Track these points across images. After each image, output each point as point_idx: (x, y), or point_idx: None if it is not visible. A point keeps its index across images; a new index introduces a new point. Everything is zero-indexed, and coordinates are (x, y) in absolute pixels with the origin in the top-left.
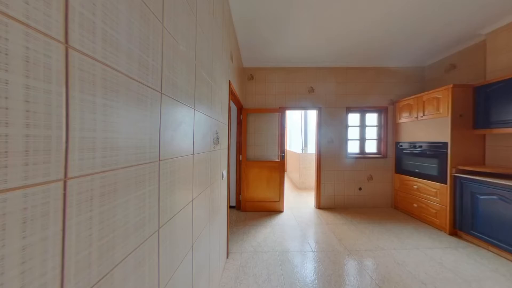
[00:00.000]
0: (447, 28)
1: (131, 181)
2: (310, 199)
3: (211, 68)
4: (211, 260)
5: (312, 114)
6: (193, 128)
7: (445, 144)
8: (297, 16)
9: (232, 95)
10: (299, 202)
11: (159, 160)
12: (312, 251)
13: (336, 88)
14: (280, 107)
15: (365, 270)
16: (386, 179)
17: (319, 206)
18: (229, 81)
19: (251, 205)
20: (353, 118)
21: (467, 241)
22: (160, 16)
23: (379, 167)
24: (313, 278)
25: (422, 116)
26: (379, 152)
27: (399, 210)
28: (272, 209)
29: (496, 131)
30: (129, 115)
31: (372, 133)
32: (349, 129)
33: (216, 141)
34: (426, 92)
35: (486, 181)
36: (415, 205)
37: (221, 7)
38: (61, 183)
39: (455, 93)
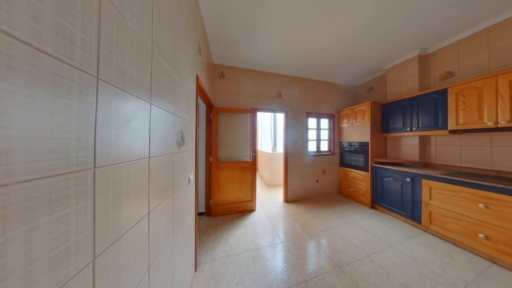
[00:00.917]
0: (368, 61)
1: (39, 201)
2: (279, 194)
3: (174, 57)
4: (175, 279)
5: (280, 117)
6: (149, 126)
7: (367, 143)
8: (266, 26)
9: (200, 92)
10: (269, 199)
11: (95, 167)
12: (282, 242)
13: (299, 96)
14: (251, 108)
15: (321, 248)
16: (334, 171)
17: (287, 200)
18: (197, 75)
19: (222, 209)
20: (312, 122)
21: (379, 211)
22: None
23: (330, 162)
24: (282, 266)
25: (355, 123)
26: (329, 150)
27: (342, 195)
28: (245, 209)
29: (391, 134)
30: (36, 104)
31: (325, 134)
32: (309, 131)
33: (181, 142)
34: (357, 105)
35: (386, 168)
36: (352, 189)
37: None
38: None
39: (372, 108)
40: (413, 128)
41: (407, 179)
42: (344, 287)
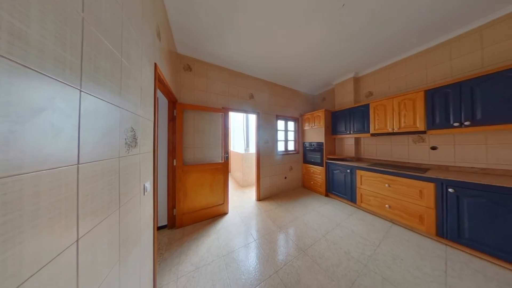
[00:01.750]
0: (322, 75)
1: None
2: (252, 194)
3: (121, 36)
4: None
5: (252, 118)
6: (79, 121)
7: (322, 143)
8: (240, 26)
9: (160, 83)
10: (242, 199)
11: None
12: (255, 240)
13: (270, 99)
14: (223, 108)
15: (289, 237)
16: (299, 168)
17: (259, 198)
18: (155, 64)
19: (190, 217)
20: (281, 124)
21: (331, 197)
22: None
23: (295, 160)
24: (255, 264)
25: (314, 126)
26: (295, 150)
27: (305, 188)
28: (216, 214)
29: (338, 136)
30: None
31: (291, 136)
32: (278, 132)
33: (132, 142)
34: (315, 112)
35: (335, 162)
36: (312, 182)
37: None
38: None
39: (325, 114)
40: (351, 132)
41: (348, 170)
42: (307, 267)
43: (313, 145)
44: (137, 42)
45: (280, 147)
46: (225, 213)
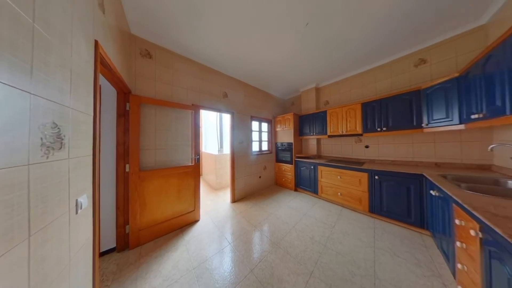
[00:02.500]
0: (291, 82)
1: None
2: (226, 196)
3: None
4: None
5: (227, 118)
6: None
7: (292, 143)
8: (211, 21)
9: (105, 68)
10: (216, 203)
11: None
12: (229, 244)
13: (244, 99)
14: (193, 104)
15: (264, 234)
16: (272, 167)
17: (234, 200)
18: (96, 41)
19: (150, 233)
20: (255, 125)
21: (299, 192)
22: None
23: (269, 159)
24: (230, 268)
25: (285, 128)
26: (268, 150)
27: (278, 185)
28: (186, 223)
29: (304, 137)
30: None
31: (265, 136)
32: (253, 133)
33: (55, 144)
34: (286, 114)
35: (302, 160)
36: (283, 179)
37: None
38: None
39: (294, 117)
40: (314, 133)
41: (312, 167)
42: (280, 259)
43: (284, 145)
44: (63, 8)
45: (255, 147)
46: (196, 221)
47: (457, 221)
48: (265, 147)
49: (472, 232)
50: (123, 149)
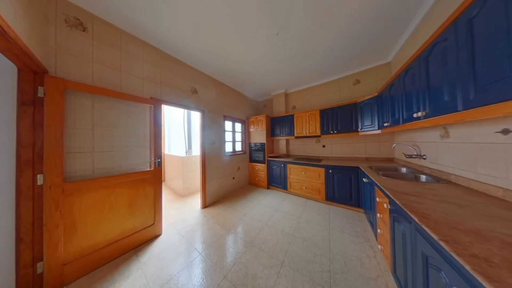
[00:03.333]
0: (264, 85)
1: None
2: (196, 202)
3: None
4: None
5: (196, 116)
6: None
7: (264, 144)
8: (174, 2)
9: None
10: (184, 211)
11: None
12: (200, 254)
13: (217, 98)
14: (152, 98)
15: (238, 236)
16: (246, 167)
17: (205, 205)
18: None
19: (84, 264)
20: (228, 125)
21: (272, 189)
22: None
23: (242, 160)
24: (201, 280)
25: (258, 129)
26: (242, 150)
27: (251, 184)
28: (142, 241)
29: (275, 138)
30: None
31: (239, 137)
32: (226, 133)
33: None
34: (258, 116)
35: (274, 159)
36: (257, 178)
37: None
38: None
39: (266, 119)
40: (283, 134)
41: (282, 165)
42: (254, 257)
43: (257, 145)
44: None
45: (228, 148)
46: (157, 236)
47: (377, 199)
48: (239, 147)
49: (385, 205)
50: (32, 153)
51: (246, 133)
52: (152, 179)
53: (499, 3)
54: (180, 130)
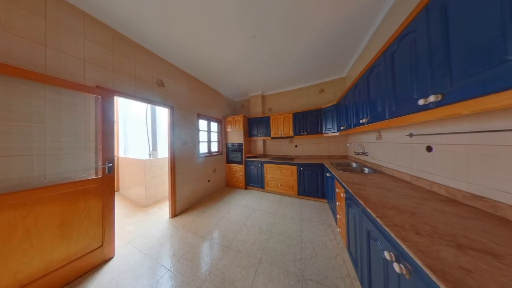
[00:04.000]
0: (241, 85)
1: None
2: (163, 212)
3: None
4: None
5: (163, 112)
6: None
7: (242, 144)
8: None
9: None
10: (146, 224)
11: None
12: (168, 270)
13: (189, 94)
14: (99, 87)
15: (214, 242)
16: (222, 168)
17: (175, 214)
18: None
19: None
20: (203, 124)
21: (249, 189)
22: None
23: (219, 161)
24: None
25: (235, 129)
26: (219, 151)
27: (228, 186)
28: (84, 270)
29: (253, 138)
30: None
31: (215, 137)
32: (200, 133)
33: None
34: (236, 116)
35: (251, 160)
36: (234, 179)
37: None
38: None
39: (243, 119)
40: (260, 135)
41: (259, 165)
42: (231, 261)
43: (235, 145)
44: None
45: (203, 148)
46: (108, 259)
47: (337, 190)
48: (215, 148)
49: (342, 195)
50: None
51: (223, 133)
52: (99, 189)
53: (410, 45)
54: (142, 129)
